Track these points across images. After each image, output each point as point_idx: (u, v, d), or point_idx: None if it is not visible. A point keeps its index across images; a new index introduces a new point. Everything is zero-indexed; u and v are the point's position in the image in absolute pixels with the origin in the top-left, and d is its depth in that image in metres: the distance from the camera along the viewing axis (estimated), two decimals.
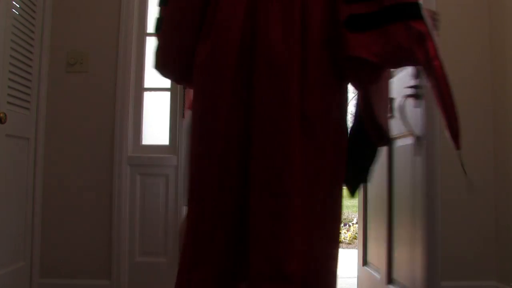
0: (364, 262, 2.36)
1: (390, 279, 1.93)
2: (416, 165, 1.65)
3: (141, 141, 2.57)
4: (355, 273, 2.57)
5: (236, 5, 1.07)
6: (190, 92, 1.52)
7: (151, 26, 2.61)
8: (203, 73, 1.10)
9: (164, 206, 2.48)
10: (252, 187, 1.03)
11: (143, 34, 2.59)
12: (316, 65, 1.05)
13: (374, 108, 1.16)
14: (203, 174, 1.09)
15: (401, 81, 1.70)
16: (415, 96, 1.62)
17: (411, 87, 1.63)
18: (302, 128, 1.03)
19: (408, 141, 1.80)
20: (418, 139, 1.61)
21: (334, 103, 1.10)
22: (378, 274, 2.10)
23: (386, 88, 1.23)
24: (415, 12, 1.00)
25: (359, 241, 2.49)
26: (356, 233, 5.70)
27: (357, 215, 6.36)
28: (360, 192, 2.47)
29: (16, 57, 2.20)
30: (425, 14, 1.00)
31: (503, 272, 2.22)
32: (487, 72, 2.32)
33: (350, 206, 9.65)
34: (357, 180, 1.26)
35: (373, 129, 1.18)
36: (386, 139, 1.21)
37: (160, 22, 1.22)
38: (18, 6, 2.21)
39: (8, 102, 2.12)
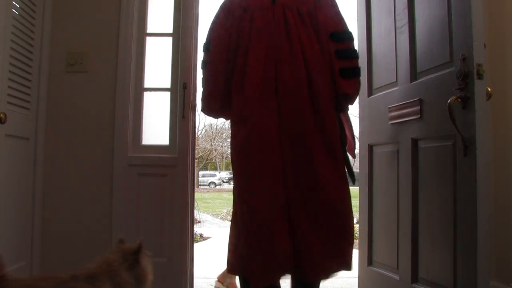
0: (370, 262, 2.35)
1: (415, 278, 1.93)
2: (463, 165, 1.64)
3: (141, 141, 2.57)
4: (355, 273, 2.56)
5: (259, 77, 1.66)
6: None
7: (151, 26, 2.62)
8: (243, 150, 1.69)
9: (164, 206, 2.48)
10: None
11: (143, 34, 2.59)
12: (325, 101, 1.67)
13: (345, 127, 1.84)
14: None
15: (449, 83, 1.69)
16: (462, 97, 1.62)
17: (458, 89, 1.63)
18: (321, 140, 1.65)
19: (436, 142, 1.82)
20: (465, 141, 1.61)
21: (336, 121, 1.73)
22: (393, 274, 2.09)
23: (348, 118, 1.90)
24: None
25: (362, 241, 2.47)
26: (356, 233, 5.69)
27: (357, 215, 6.33)
28: (362, 192, 2.46)
29: (16, 57, 2.20)
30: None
31: (503, 272, 2.22)
32: (487, 71, 2.32)
33: None
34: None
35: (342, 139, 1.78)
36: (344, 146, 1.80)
37: (202, 81, 1.80)
38: (18, 6, 2.21)
39: (8, 102, 2.13)
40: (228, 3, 1.73)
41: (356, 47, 1.78)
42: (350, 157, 1.84)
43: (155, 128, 2.60)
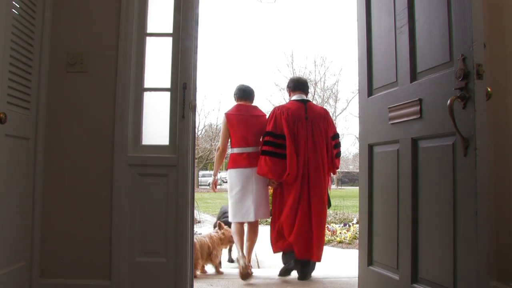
0: (370, 262, 2.35)
1: (415, 278, 1.93)
2: (463, 165, 1.64)
3: (141, 141, 2.57)
4: (355, 273, 2.56)
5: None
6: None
7: (151, 26, 2.62)
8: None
9: (164, 206, 2.48)
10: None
11: (143, 34, 2.59)
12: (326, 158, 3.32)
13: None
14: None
15: (449, 83, 1.69)
16: (462, 97, 1.61)
17: (458, 88, 1.62)
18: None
19: (436, 142, 1.82)
20: (465, 140, 1.61)
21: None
22: (393, 274, 2.08)
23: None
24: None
25: (361, 241, 2.46)
26: (356, 233, 5.70)
27: (357, 215, 6.32)
28: (362, 192, 2.46)
29: (16, 57, 2.20)
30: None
31: (503, 272, 2.22)
32: (487, 71, 2.32)
33: (350, 206, 9.64)
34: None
35: None
36: None
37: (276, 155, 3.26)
38: (18, 6, 2.21)
39: (8, 102, 2.13)
40: (286, 115, 3.23)
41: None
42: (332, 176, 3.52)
43: (155, 128, 2.59)
